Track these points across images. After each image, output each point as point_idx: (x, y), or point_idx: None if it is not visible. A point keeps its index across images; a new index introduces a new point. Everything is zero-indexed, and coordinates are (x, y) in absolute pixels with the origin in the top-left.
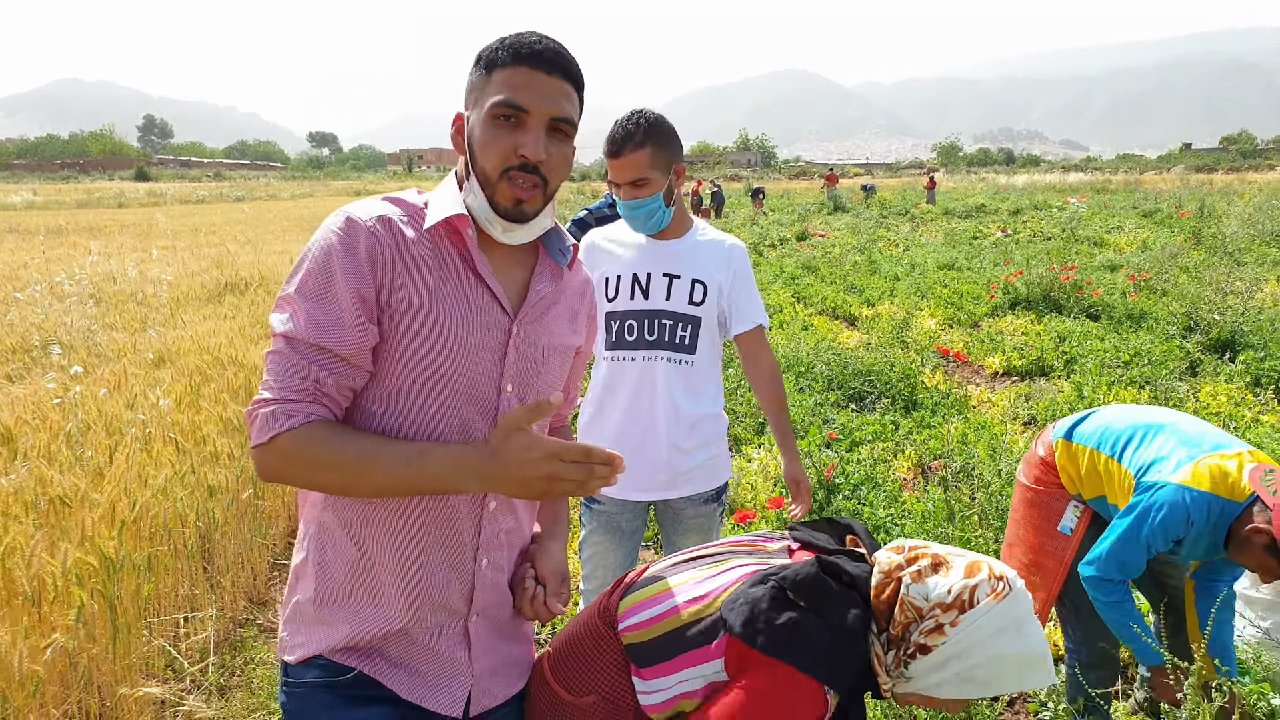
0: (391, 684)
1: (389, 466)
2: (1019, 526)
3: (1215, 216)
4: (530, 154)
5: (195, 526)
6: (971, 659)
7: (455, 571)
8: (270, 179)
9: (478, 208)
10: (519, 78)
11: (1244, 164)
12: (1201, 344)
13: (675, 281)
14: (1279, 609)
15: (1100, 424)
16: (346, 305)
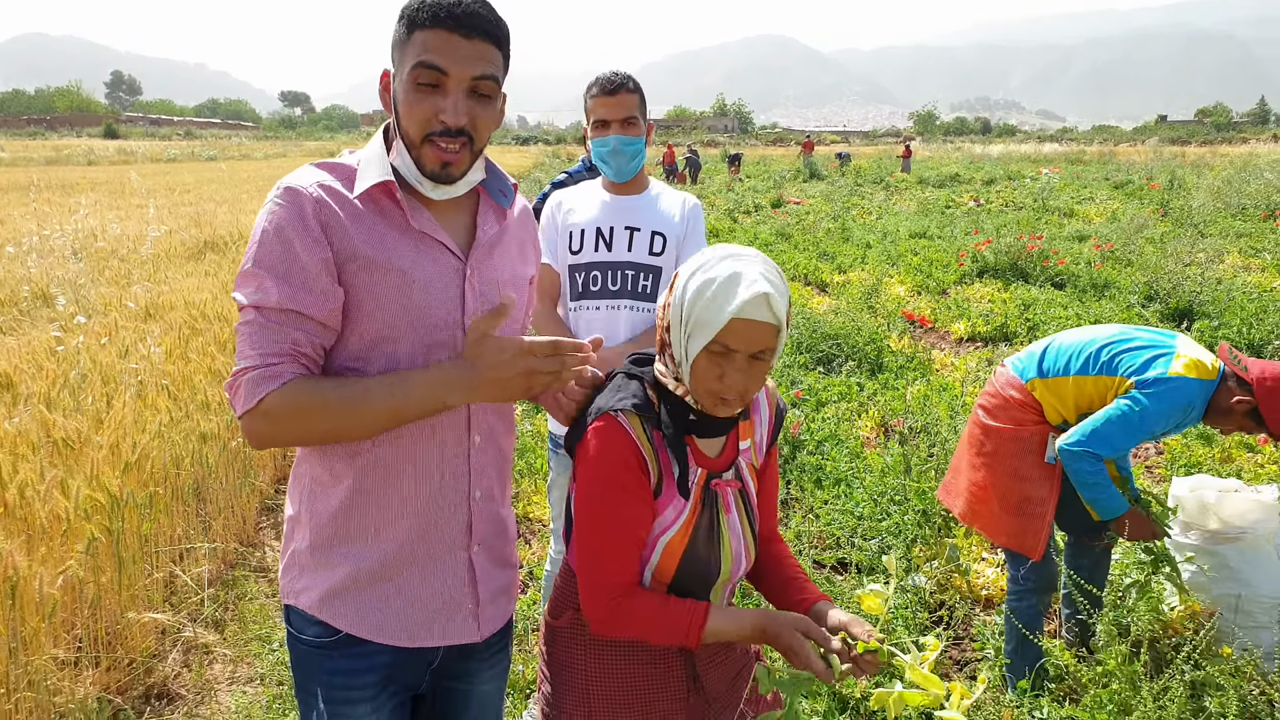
0: (386, 638)
1: (376, 400)
2: (996, 471)
3: (1184, 189)
4: (450, 120)
5: (190, 471)
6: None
7: (453, 507)
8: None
9: (405, 169)
10: (437, 40)
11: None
12: (1160, 312)
13: (636, 234)
14: (1205, 553)
15: (1066, 351)
16: (309, 270)
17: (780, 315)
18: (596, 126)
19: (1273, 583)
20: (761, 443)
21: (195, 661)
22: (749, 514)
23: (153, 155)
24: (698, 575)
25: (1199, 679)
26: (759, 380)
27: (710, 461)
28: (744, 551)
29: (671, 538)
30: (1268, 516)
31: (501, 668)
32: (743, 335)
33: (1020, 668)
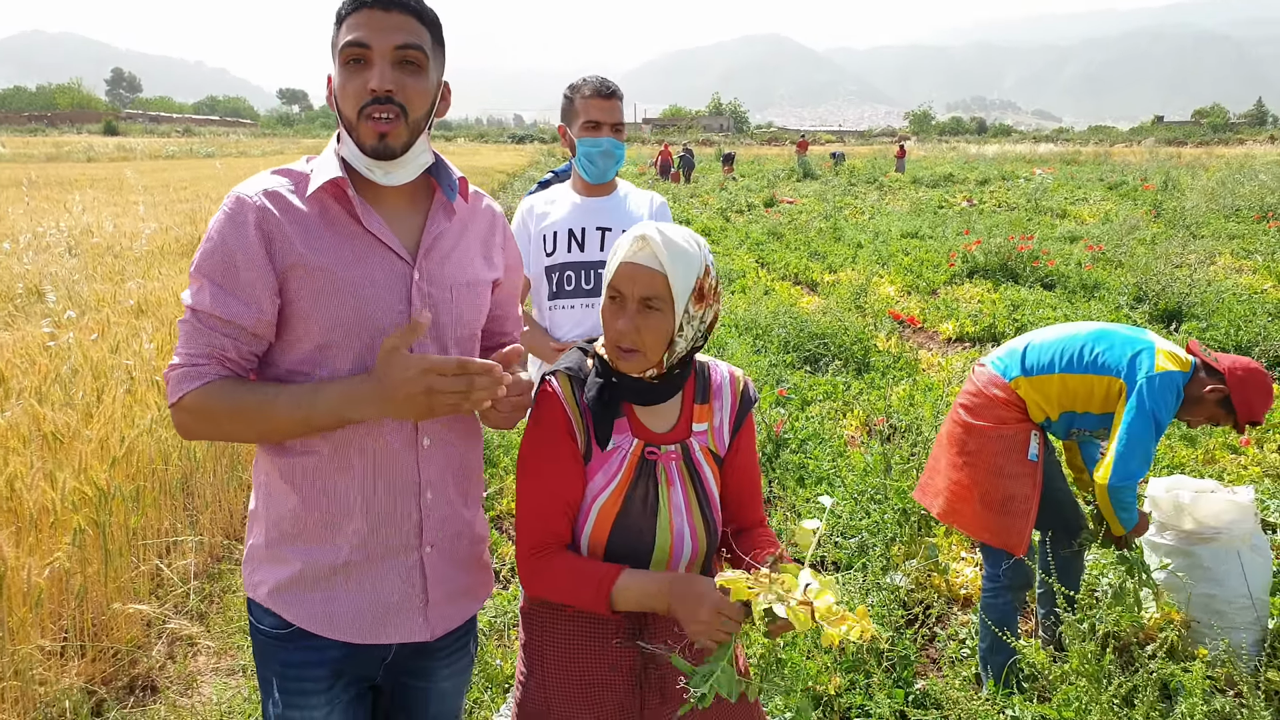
0: (336, 634)
1: (283, 409)
2: (979, 469)
3: (1179, 190)
4: (376, 84)
5: (178, 465)
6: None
7: (400, 508)
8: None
9: (352, 156)
10: (359, 19)
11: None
12: (1149, 314)
13: (607, 234)
14: (1180, 554)
15: (1049, 349)
16: (242, 281)
17: (665, 263)
18: (587, 127)
19: (1248, 583)
20: (722, 428)
21: (179, 653)
22: (700, 496)
23: (151, 152)
24: (631, 545)
25: (1168, 678)
26: (655, 333)
27: (654, 436)
28: (688, 531)
29: (604, 503)
30: (1243, 517)
31: (461, 665)
32: (626, 278)
33: (995, 664)
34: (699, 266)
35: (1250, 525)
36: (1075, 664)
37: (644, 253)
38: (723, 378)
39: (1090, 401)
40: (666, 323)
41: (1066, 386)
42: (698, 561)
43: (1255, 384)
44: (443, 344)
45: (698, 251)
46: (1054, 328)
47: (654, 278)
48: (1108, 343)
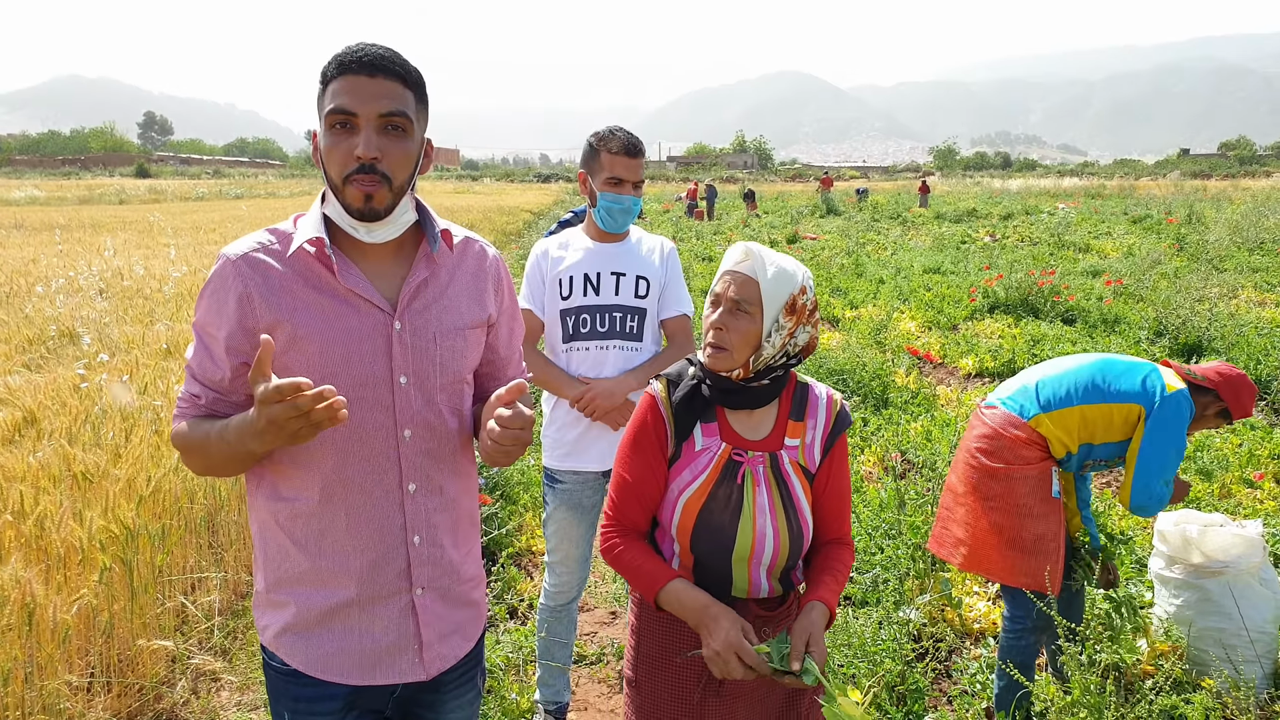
0: (336, 676)
1: (215, 444)
2: (1004, 513)
3: (1202, 223)
4: (361, 153)
5: (202, 504)
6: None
7: (388, 552)
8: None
9: (337, 215)
10: (345, 85)
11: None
12: (1169, 348)
13: (622, 279)
14: (1189, 587)
15: (1062, 384)
16: (215, 342)
17: (759, 271)
18: (611, 183)
19: (1255, 617)
20: (813, 445)
21: (203, 689)
22: (786, 503)
23: (182, 194)
24: (714, 540)
25: (1169, 709)
26: (740, 335)
27: (745, 442)
28: (771, 533)
29: (689, 498)
30: (1251, 551)
31: (469, 699)
32: (724, 282)
33: (1007, 701)
34: (795, 284)
35: (1259, 558)
36: (1077, 694)
37: (745, 263)
38: (820, 399)
39: (1110, 430)
40: (755, 326)
41: (1086, 418)
42: (779, 563)
43: (1243, 386)
44: (427, 391)
45: (796, 271)
46: (1052, 363)
47: (747, 283)
48: (1115, 371)
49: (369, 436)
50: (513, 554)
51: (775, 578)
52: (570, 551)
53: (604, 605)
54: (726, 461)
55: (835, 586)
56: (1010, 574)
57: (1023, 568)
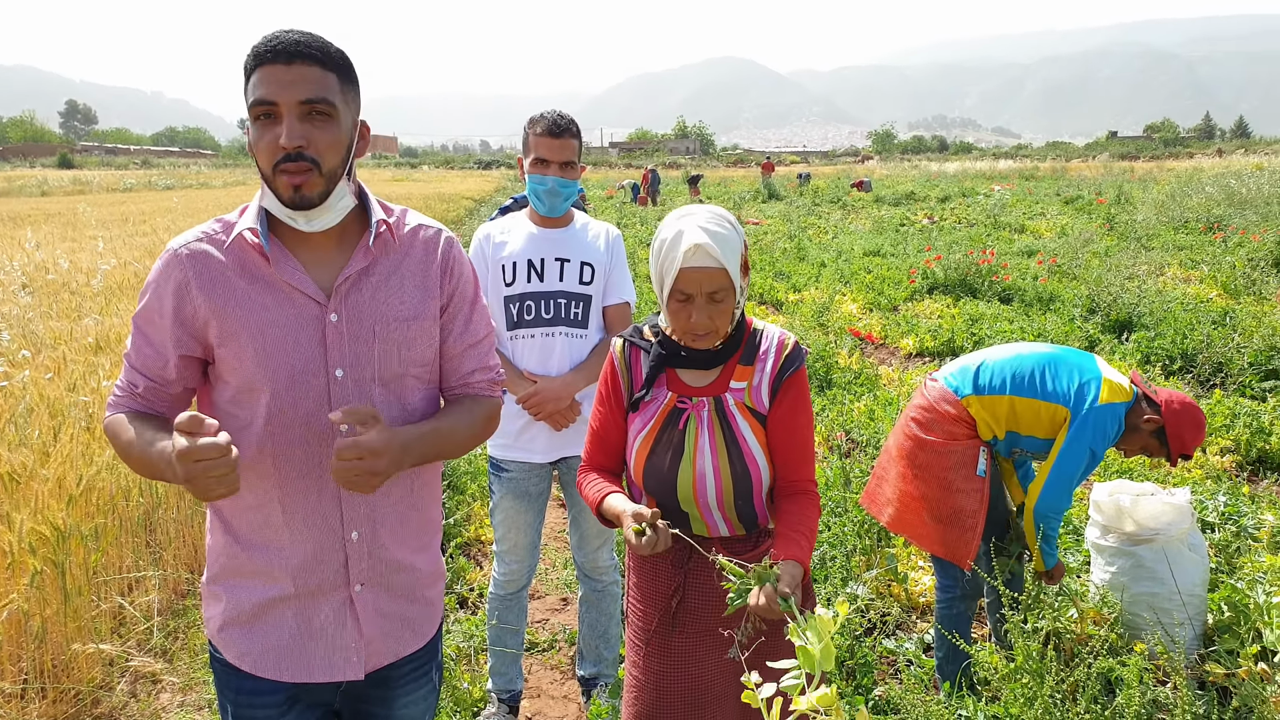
0: (270, 673)
1: (137, 457)
2: (928, 483)
3: (1131, 203)
4: (285, 141)
5: (139, 502)
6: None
7: (324, 547)
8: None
9: (273, 206)
10: (263, 76)
11: (1165, 152)
12: (1101, 324)
13: (566, 264)
14: (1123, 555)
15: (1000, 371)
16: (155, 332)
17: (722, 259)
18: (536, 163)
19: (1185, 581)
20: (761, 386)
21: (142, 691)
22: (729, 444)
23: (108, 185)
24: (660, 482)
25: (1107, 672)
26: (724, 316)
27: (689, 389)
28: (712, 472)
29: (640, 443)
30: (1180, 518)
31: (423, 694)
32: (693, 281)
33: (950, 671)
34: (740, 245)
35: (1188, 525)
36: (1020, 661)
37: (700, 255)
38: (771, 343)
39: (1036, 426)
40: (730, 304)
41: (1015, 409)
42: (726, 500)
43: (1189, 418)
44: (362, 384)
45: (734, 233)
46: (1008, 347)
47: (716, 275)
48: (1056, 370)
49: (304, 430)
50: (461, 544)
51: (731, 515)
52: (518, 540)
53: (555, 593)
54: (671, 409)
55: (805, 544)
56: (930, 542)
57: (940, 538)
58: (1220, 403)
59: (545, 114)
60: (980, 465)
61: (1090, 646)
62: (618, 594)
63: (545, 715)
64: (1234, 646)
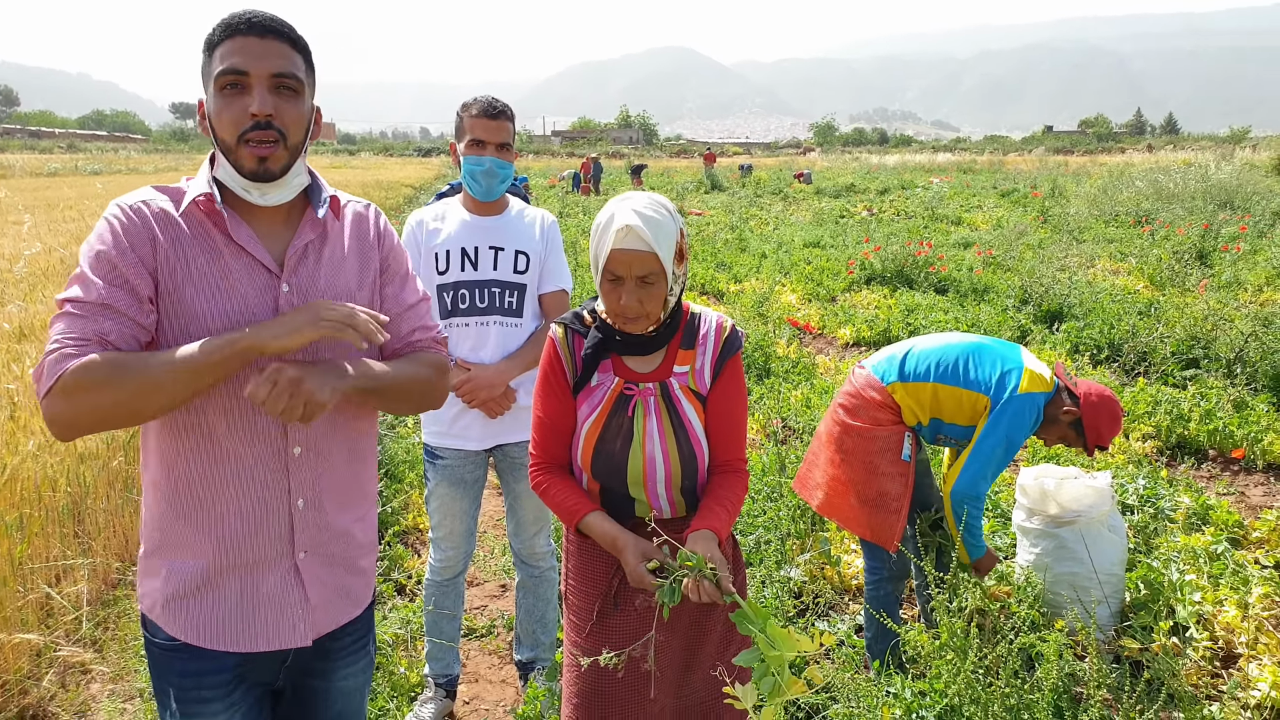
0: (221, 644)
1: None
2: (854, 468)
3: (1064, 197)
4: (257, 109)
5: (66, 491)
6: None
7: (269, 515)
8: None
9: (229, 178)
10: (234, 46)
11: (1098, 147)
12: (1033, 315)
13: (500, 253)
14: (1046, 536)
15: (926, 359)
16: (121, 274)
17: (654, 244)
18: (472, 145)
19: (1104, 560)
20: (703, 369)
21: (71, 681)
22: (676, 428)
23: (31, 169)
24: (609, 468)
25: (1027, 648)
26: (655, 300)
27: (635, 375)
28: (660, 456)
29: (588, 429)
30: (1101, 500)
31: (361, 665)
32: (622, 263)
33: (879, 650)
34: (675, 233)
35: (1108, 507)
36: (945, 638)
37: (630, 238)
38: (710, 326)
39: (958, 414)
40: (661, 288)
41: (938, 396)
42: (675, 481)
43: (1106, 411)
44: (313, 355)
45: (670, 220)
46: (936, 336)
47: (646, 258)
48: (980, 359)
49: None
50: (399, 531)
51: (676, 497)
52: (454, 527)
53: (493, 579)
54: (618, 396)
55: (725, 516)
56: (857, 525)
57: (865, 520)
58: (1143, 390)
59: (479, 98)
60: (905, 450)
61: (1012, 624)
62: (554, 579)
63: (483, 699)
64: (1149, 623)
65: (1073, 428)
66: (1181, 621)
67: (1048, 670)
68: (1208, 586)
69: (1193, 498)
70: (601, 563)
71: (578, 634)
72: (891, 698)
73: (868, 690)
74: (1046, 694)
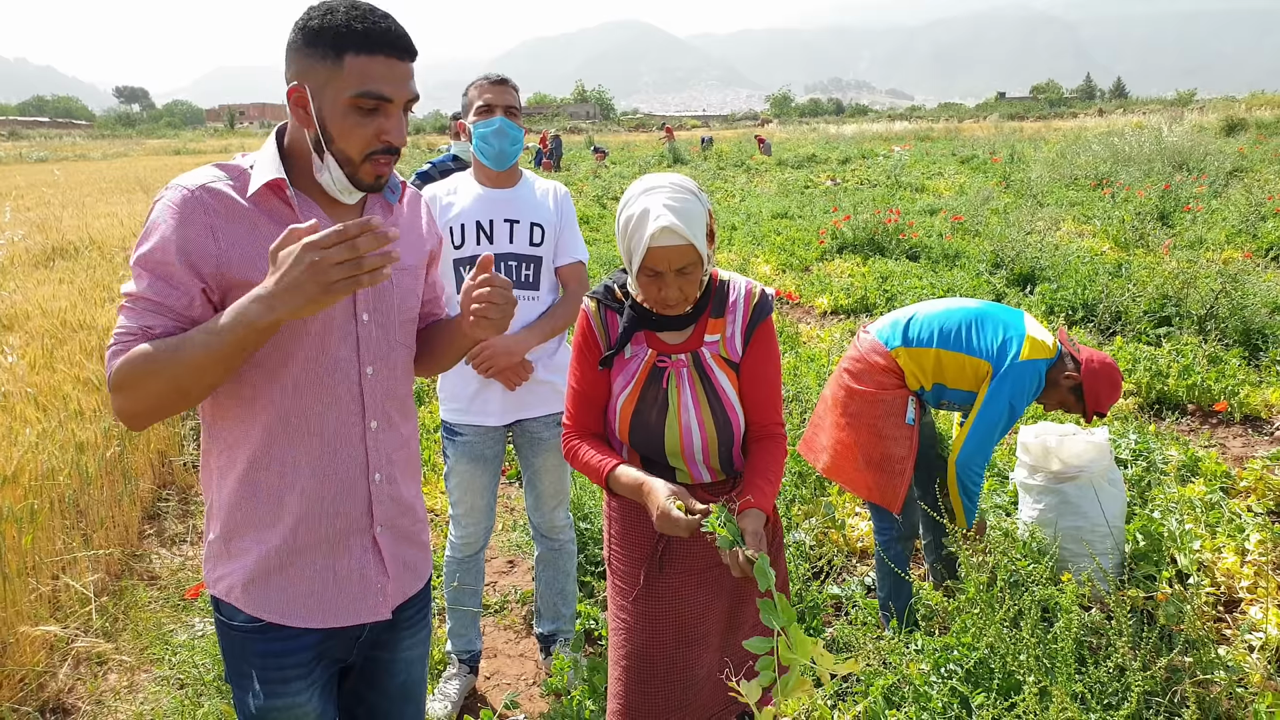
0: (306, 621)
1: (194, 345)
2: (859, 431)
3: (1023, 162)
4: (396, 140)
5: (67, 483)
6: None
7: (352, 491)
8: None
9: (332, 181)
10: (378, 67)
11: (1051, 112)
12: (1006, 278)
13: (516, 226)
14: (1050, 492)
15: (930, 324)
16: (178, 269)
17: (689, 235)
18: (481, 111)
19: (1107, 512)
20: (734, 337)
21: (88, 673)
22: (710, 397)
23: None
24: (647, 438)
25: (1045, 600)
26: (693, 285)
27: (667, 347)
28: (696, 425)
29: (624, 401)
30: (1100, 455)
31: (423, 635)
32: (662, 258)
33: (897, 608)
34: (705, 215)
35: (1107, 462)
36: (971, 593)
37: (666, 235)
38: (739, 293)
39: (960, 379)
40: (698, 273)
41: (941, 362)
42: (712, 449)
43: (1105, 378)
44: (387, 328)
45: (697, 203)
46: (940, 302)
47: (684, 251)
48: (983, 325)
49: (334, 373)
50: None
51: (715, 464)
52: (475, 503)
53: (503, 555)
54: (652, 368)
55: (768, 489)
56: (861, 487)
57: (870, 483)
58: (1122, 349)
59: (484, 74)
60: (909, 414)
61: (1031, 578)
62: (573, 552)
63: (504, 674)
64: (1151, 572)
65: (1073, 393)
66: (1183, 570)
67: (1069, 621)
68: (1206, 535)
69: (1180, 450)
70: (646, 525)
71: (624, 598)
72: (916, 654)
73: (890, 647)
74: (1068, 644)
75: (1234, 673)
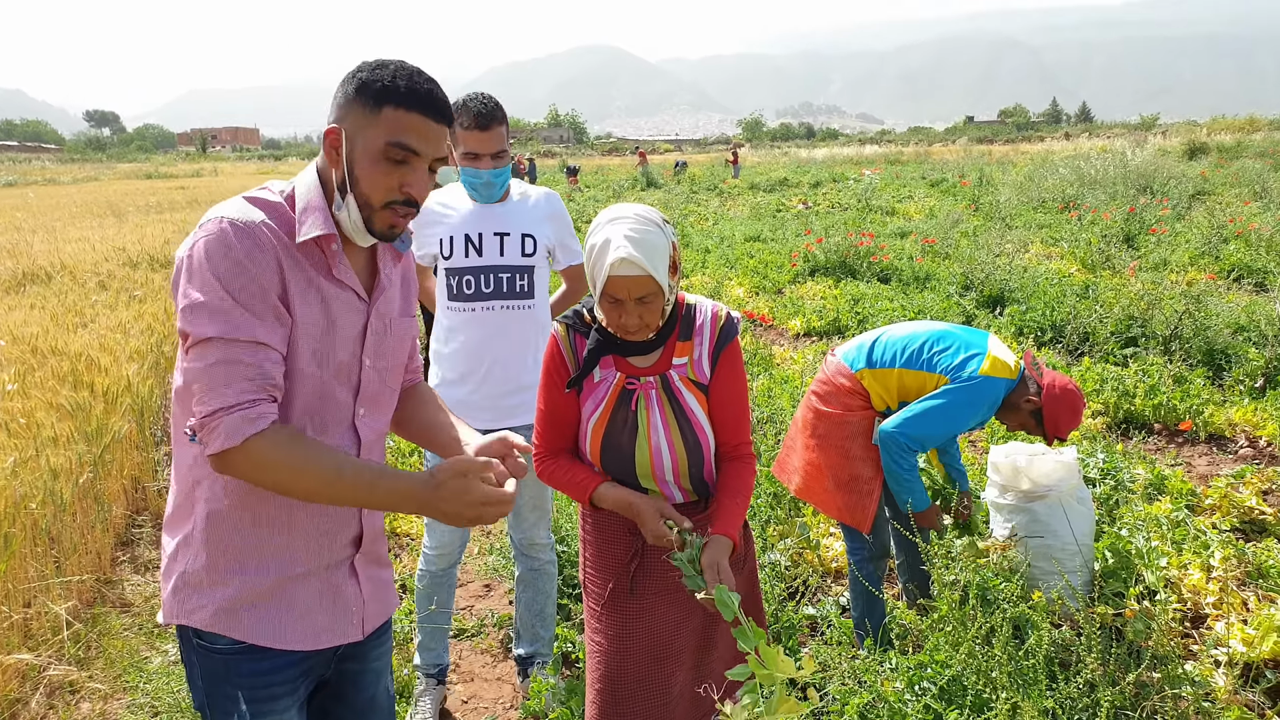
0: (292, 644)
1: (345, 488)
2: (828, 452)
3: (992, 185)
4: (418, 194)
5: (40, 511)
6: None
7: (344, 523)
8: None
9: (349, 221)
10: (413, 123)
11: (1019, 136)
12: (976, 300)
13: (506, 239)
14: (1020, 511)
15: (892, 346)
16: (270, 302)
17: (648, 267)
18: (467, 157)
19: (1076, 531)
20: (702, 359)
21: (60, 702)
22: (679, 419)
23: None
24: (618, 460)
25: (1017, 618)
26: (654, 314)
27: (635, 369)
28: (665, 447)
29: (594, 424)
30: (1069, 475)
31: (386, 647)
32: (622, 287)
33: (869, 628)
34: (668, 248)
35: (1075, 481)
36: (944, 610)
37: (626, 266)
38: (706, 317)
39: (922, 395)
40: (659, 303)
41: (903, 381)
42: (681, 469)
43: (1066, 404)
44: (384, 373)
45: (660, 235)
46: (905, 325)
47: (643, 282)
48: (945, 344)
49: (337, 415)
50: None
51: (686, 485)
52: None
53: (478, 579)
54: (621, 390)
55: (736, 513)
56: (832, 508)
57: (840, 503)
58: (1090, 370)
59: (469, 103)
60: (876, 435)
61: (1003, 596)
62: (553, 573)
63: (481, 697)
64: (1119, 589)
65: (1033, 417)
66: (1151, 586)
67: (1039, 638)
68: (1172, 552)
69: (1147, 469)
70: (619, 546)
71: (598, 620)
72: (890, 672)
73: (865, 666)
74: (1040, 660)
75: (1200, 687)
